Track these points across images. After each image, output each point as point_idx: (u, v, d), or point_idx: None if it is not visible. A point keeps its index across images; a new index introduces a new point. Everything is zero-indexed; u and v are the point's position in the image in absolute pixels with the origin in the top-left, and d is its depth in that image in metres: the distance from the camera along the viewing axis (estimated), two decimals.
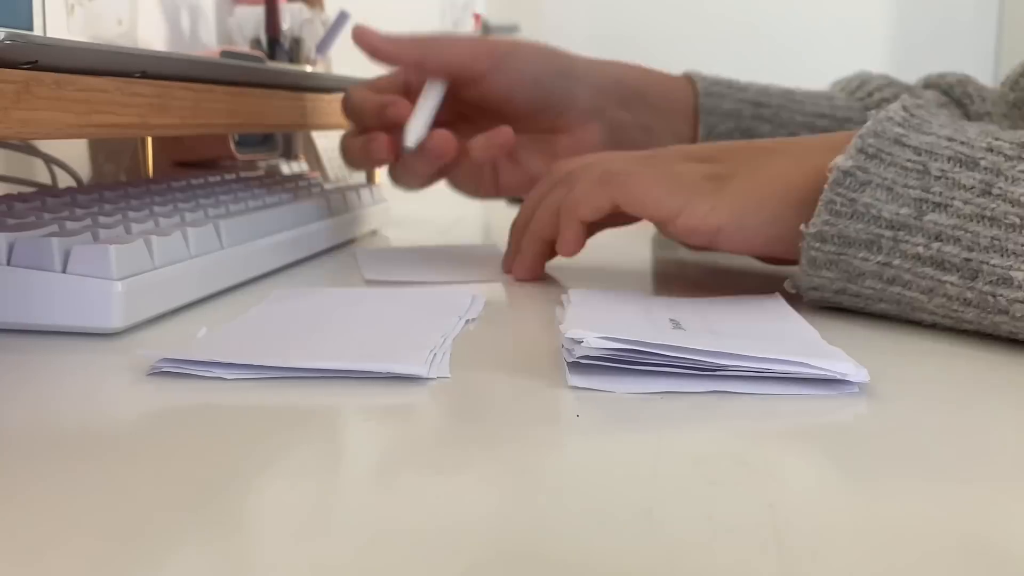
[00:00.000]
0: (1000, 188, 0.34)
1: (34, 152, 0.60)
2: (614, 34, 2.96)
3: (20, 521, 0.20)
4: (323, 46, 0.91)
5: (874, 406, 0.28)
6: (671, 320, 0.34)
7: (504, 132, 0.53)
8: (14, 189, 0.57)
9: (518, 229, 0.48)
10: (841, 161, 0.37)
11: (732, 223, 0.40)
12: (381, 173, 0.79)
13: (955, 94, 0.60)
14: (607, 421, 0.27)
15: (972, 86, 0.60)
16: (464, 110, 0.56)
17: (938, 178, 0.35)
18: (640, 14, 2.93)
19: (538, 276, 0.47)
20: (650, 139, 0.58)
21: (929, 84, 0.62)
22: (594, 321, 0.31)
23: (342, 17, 0.91)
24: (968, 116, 0.59)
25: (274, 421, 0.26)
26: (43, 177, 0.62)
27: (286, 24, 0.87)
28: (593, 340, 0.29)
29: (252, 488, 0.22)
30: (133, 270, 0.35)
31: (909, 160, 0.36)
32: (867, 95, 0.60)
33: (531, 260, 0.47)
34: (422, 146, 0.52)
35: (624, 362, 0.29)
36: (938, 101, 0.60)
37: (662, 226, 0.42)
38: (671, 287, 0.45)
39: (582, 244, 0.45)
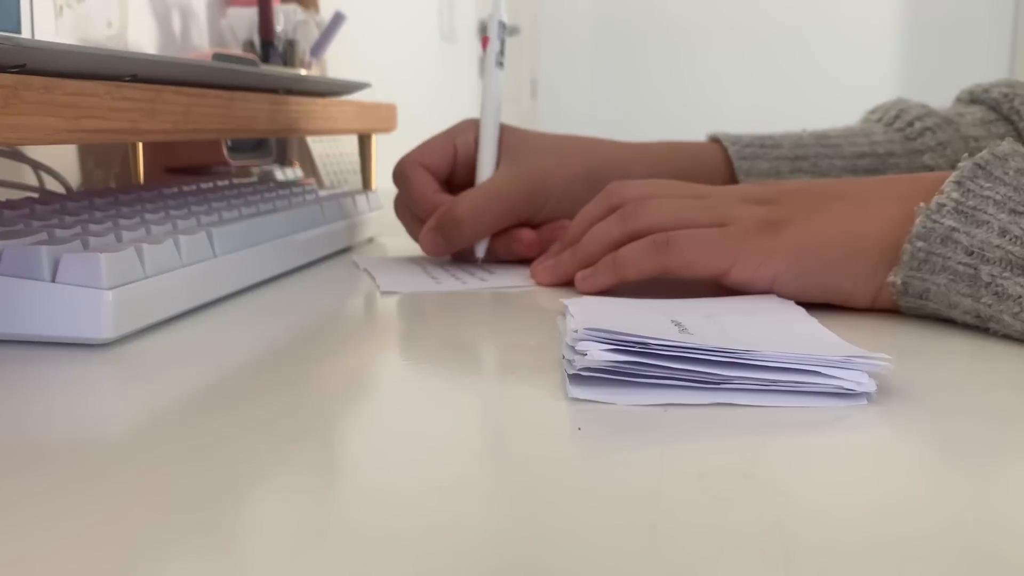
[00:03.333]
0: None
1: (22, 158, 0.59)
2: (614, 35, 2.97)
3: (7, 535, 0.19)
4: (318, 48, 0.90)
5: (884, 417, 0.28)
6: (674, 323, 0.34)
7: (562, 225, 0.54)
8: (2, 196, 0.56)
9: (563, 243, 0.49)
10: (894, 277, 0.38)
11: (788, 272, 0.40)
12: (378, 178, 0.79)
13: (1003, 110, 0.59)
14: (609, 434, 0.26)
15: (1020, 99, 0.59)
16: None
17: (988, 284, 0.35)
18: (640, 16, 2.93)
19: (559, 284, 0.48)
20: None
21: (975, 98, 0.61)
22: (601, 324, 0.30)
23: (337, 18, 0.90)
24: (1018, 133, 0.58)
25: (266, 433, 0.26)
26: (31, 184, 0.61)
27: (280, 26, 0.87)
28: (597, 353, 0.28)
29: (245, 501, 0.21)
30: (124, 279, 0.35)
31: (961, 263, 0.36)
32: (907, 125, 0.60)
33: (563, 274, 0.48)
34: (507, 245, 0.54)
35: (626, 374, 0.29)
36: (985, 119, 0.59)
37: (718, 281, 0.42)
38: (672, 290, 0.44)
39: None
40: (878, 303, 0.40)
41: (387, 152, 0.93)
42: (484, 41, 0.58)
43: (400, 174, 0.55)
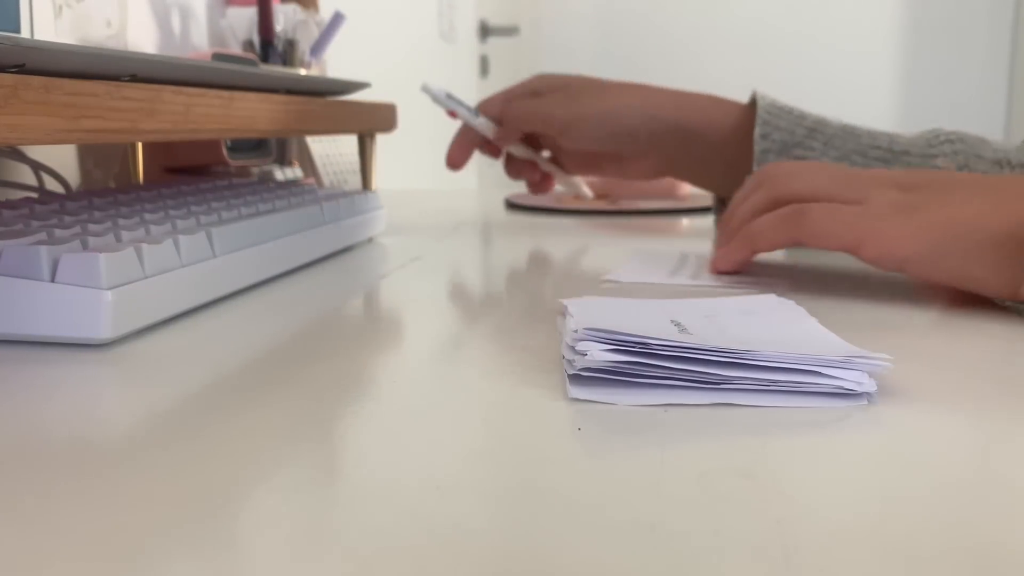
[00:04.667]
0: None
1: (22, 158, 0.59)
2: (614, 35, 2.96)
3: (8, 535, 0.19)
4: (318, 48, 0.90)
5: (884, 417, 0.27)
6: (673, 323, 0.34)
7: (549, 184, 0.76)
8: (2, 196, 0.56)
9: (723, 223, 0.51)
10: None
11: (920, 254, 0.41)
12: (378, 179, 0.79)
13: None
14: (609, 434, 0.26)
15: None
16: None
17: None
18: (640, 16, 2.93)
19: (739, 271, 0.50)
20: (704, 168, 0.68)
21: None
22: (601, 324, 0.30)
23: (337, 18, 0.90)
24: None
25: (266, 433, 0.26)
26: (31, 184, 0.61)
27: (279, 26, 0.86)
28: (597, 353, 0.28)
29: (246, 502, 0.21)
30: (123, 279, 0.35)
31: None
32: (934, 136, 0.61)
33: (734, 259, 0.49)
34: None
35: (626, 374, 0.29)
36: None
37: (851, 254, 0.44)
38: (670, 291, 0.44)
39: (745, 268, 0.49)
40: (1020, 294, 0.40)
41: (387, 152, 0.93)
42: (451, 114, 0.71)
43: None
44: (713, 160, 0.67)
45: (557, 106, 0.68)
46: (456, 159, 0.73)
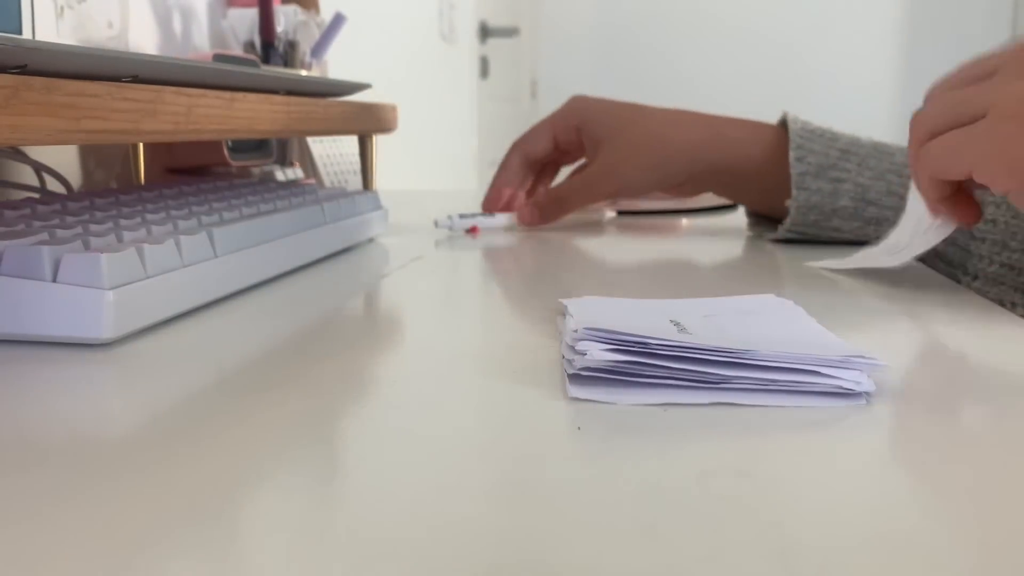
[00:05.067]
0: None
1: (23, 158, 0.59)
2: (614, 36, 2.96)
3: (7, 535, 0.19)
4: (319, 49, 0.90)
5: (883, 417, 0.28)
6: (673, 322, 0.34)
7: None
8: (3, 196, 0.56)
9: None
10: None
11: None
12: (378, 179, 0.78)
13: None
14: (609, 434, 0.26)
15: None
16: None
17: None
18: (640, 16, 2.93)
19: (963, 216, 0.44)
20: (739, 192, 0.71)
21: None
22: (601, 324, 0.30)
23: (338, 19, 0.90)
24: None
25: (266, 432, 0.26)
26: (32, 184, 0.61)
27: (280, 27, 0.87)
28: (597, 353, 0.28)
29: (246, 501, 0.21)
30: (124, 279, 0.35)
31: None
32: None
33: (934, 205, 0.45)
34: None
35: (626, 374, 0.29)
36: None
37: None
38: (671, 291, 0.44)
39: (962, 211, 0.44)
40: None
41: (387, 152, 0.93)
42: (472, 229, 0.71)
43: (507, 153, 0.73)
44: (749, 187, 0.69)
45: (601, 182, 0.70)
46: (498, 203, 0.74)
